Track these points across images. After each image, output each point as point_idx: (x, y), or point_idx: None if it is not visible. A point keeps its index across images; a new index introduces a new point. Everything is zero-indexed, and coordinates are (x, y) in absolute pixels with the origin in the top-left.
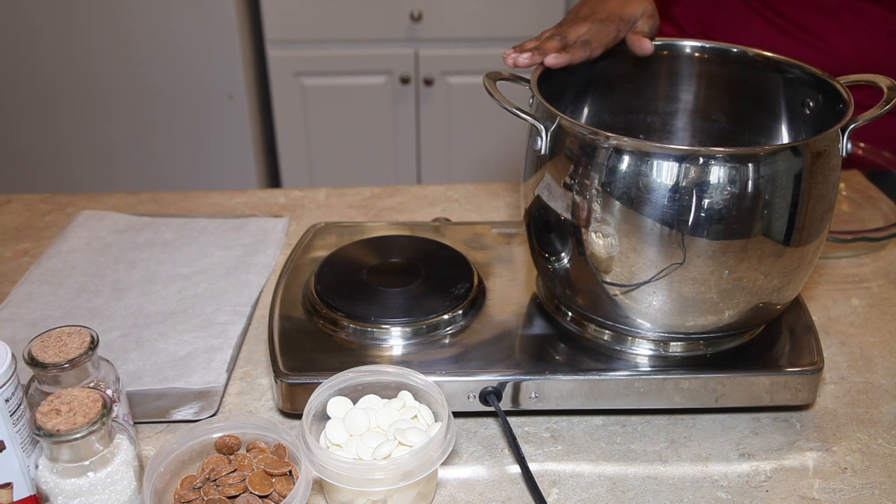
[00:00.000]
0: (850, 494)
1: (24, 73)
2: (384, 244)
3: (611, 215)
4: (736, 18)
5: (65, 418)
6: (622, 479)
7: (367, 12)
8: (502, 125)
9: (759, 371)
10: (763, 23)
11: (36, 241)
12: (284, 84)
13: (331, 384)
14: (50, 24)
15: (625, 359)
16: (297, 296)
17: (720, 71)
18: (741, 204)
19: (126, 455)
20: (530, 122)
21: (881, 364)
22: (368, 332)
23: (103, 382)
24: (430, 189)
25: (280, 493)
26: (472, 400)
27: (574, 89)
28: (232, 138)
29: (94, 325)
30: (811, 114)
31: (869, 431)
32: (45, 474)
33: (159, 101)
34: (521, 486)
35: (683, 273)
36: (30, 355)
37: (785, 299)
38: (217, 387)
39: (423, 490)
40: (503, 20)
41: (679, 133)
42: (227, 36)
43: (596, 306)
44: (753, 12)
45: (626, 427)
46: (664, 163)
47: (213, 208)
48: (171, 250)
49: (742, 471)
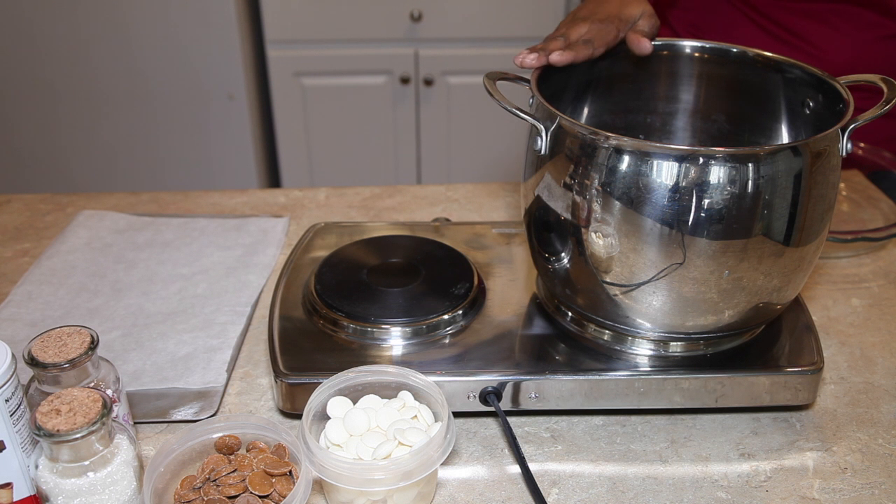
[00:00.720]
0: (850, 494)
1: (24, 73)
2: (384, 244)
3: (611, 215)
4: (729, 24)
5: (65, 418)
6: (622, 479)
7: (367, 12)
8: (502, 125)
9: (759, 371)
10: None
11: (36, 241)
12: (284, 84)
13: (331, 384)
14: (50, 24)
15: (625, 359)
16: (297, 296)
17: (720, 71)
18: (741, 204)
19: (126, 455)
20: (530, 122)
21: (881, 364)
22: (368, 332)
23: (103, 382)
24: (430, 189)
25: (280, 493)
26: (472, 400)
27: (574, 89)
28: (232, 138)
29: (94, 325)
30: (811, 114)
31: (869, 431)
32: (45, 474)
33: (159, 101)
34: (521, 486)
35: (683, 273)
36: (30, 355)
37: (785, 299)
38: (217, 387)
39: (423, 490)
40: (503, 20)
41: (679, 133)
42: (227, 36)
43: (596, 306)
44: (746, 18)
45: (626, 427)
46: (664, 163)
47: (213, 208)
48: (171, 250)
49: (742, 471)
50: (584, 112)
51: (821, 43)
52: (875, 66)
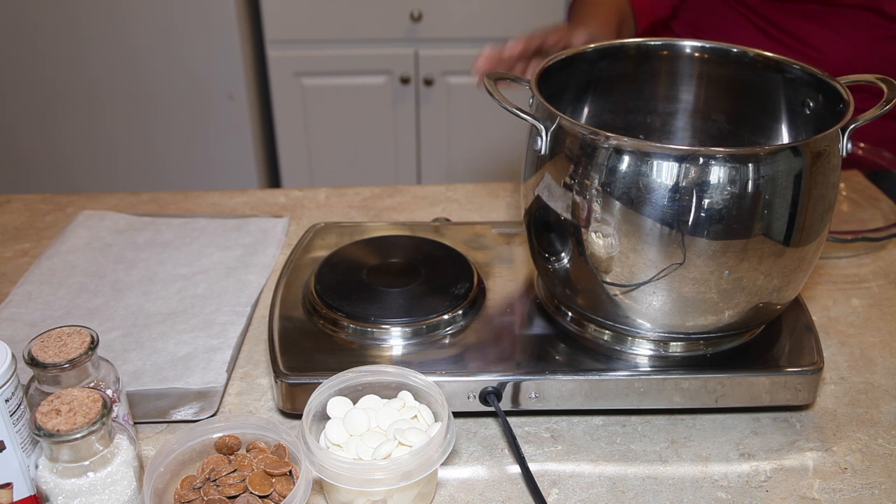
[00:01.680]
0: (850, 494)
1: (25, 74)
2: (384, 244)
3: (611, 215)
4: (727, 26)
5: (65, 418)
6: (622, 479)
7: (367, 12)
8: (502, 125)
9: (759, 371)
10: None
11: (36, 241)
12: (284, 84)
13: (331, 384)
14: (50, 23)
15: (625, 359)
16: (297, 296)
17: (720, 71)
18: (741, 204)
19: (126, 455)
20: (530, 122)
21: (881, 364)
22: (368, 332)
23: (103, 382)
24: (430, 189)
25: (280, 493)
26: (472, 400)
27: (574, 89)
28: (232, 138)
29: (94, 325)
30: (811, 114)
31: (869, 431)
32: (45, 474)
33: (159, 101)
34: (521, 486)
35: (683, 273)
36: (30, 355)
37: (785, 299)
38: (217, 387)
39: (423, 490)
40: (503, 20)
41: (679, 133)
42: (227, 36)
43: (596, 306)
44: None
45: (626, 427)
46: (664, 163)
47: (213, 208)
48: (171, 250)
49: (742, 471)
50: (584, 112)
51: (819, 44)
52: (873, 68)
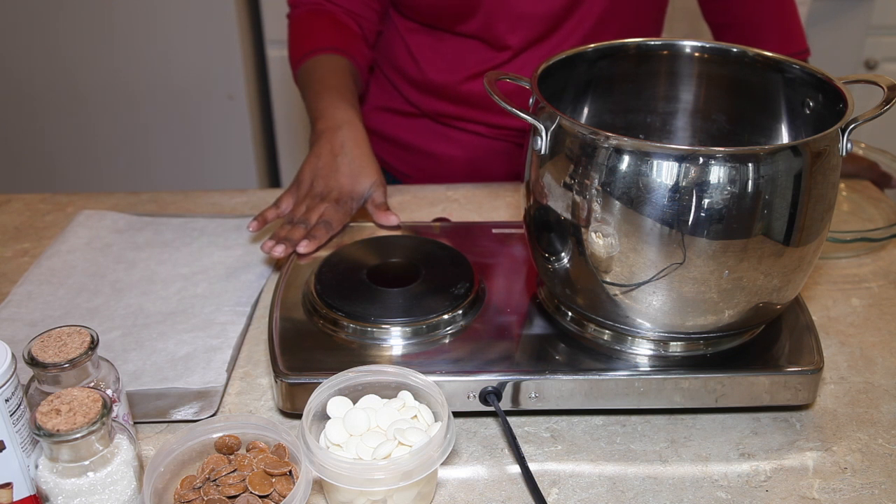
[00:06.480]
0: (850, 494)
1: (24, 74)
2: (384, 244)
3: (611, 215)
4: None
5: (65, 418)
6: (622, 479)
7: None
8: None
9: (758, 371)
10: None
11: (36, 241)
12: (284, 84)
13: (331, 384)
14: (50, 24)
15: (625, 359)
16: (297, 296)
17: (720, 71)
18: (741, 204)
19: (126, 455)
20: (530, 122)
21: (881, 364)
22: (368, 332)
23: (103, 382)
24: (430, 189)
25: (280, 493)
26: (472, 400)
27: (574, 89)
28: (232, 138)
29: (94, 325)
30: (811, 114)
31: (869, 431)
32: (45, 474)
33: (160, 101)
34: (521, 486)
35: (683, 273)
36: (30, 355)
37: (785, 299)
38: (217, 387)
39: (423, 490)
40: None
41: (679, 133)
42: (227, 36)
43: (596, 306)
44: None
45: (626, 427)
46: (664, 163)
47: (213, 208)
48: (171, 250)
49: (742, 471)
50: (584, 112)
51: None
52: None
